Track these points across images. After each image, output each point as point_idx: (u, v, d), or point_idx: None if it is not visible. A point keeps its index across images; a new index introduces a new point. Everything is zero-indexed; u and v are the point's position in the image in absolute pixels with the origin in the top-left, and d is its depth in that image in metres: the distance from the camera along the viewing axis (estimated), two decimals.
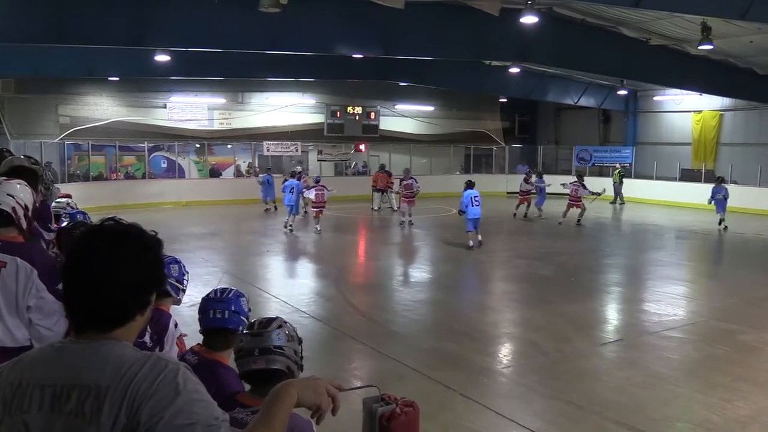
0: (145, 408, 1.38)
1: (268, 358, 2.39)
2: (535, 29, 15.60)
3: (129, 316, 1.54)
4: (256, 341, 2.41)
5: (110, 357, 1.45)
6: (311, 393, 1.57)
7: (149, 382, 1.40)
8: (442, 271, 12.87)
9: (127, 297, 1.52)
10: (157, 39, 14.98)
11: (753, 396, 6.16)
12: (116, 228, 1.57)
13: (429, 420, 5.30)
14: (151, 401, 1.38)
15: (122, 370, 1.42)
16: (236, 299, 3.08)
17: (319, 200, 16.83)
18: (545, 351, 7.64)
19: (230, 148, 26.84)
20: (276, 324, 2.47)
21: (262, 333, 2.42)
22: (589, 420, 5.67)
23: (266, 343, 2.40)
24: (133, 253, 1.53)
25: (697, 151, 26.92)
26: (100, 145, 23.87)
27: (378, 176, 22.84)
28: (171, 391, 1.40)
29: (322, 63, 21.06)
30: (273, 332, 2.42)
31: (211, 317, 3.02)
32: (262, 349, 2.39)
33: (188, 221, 18.87)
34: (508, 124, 32.75)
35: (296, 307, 9.35)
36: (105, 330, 1.51)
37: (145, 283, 1.56)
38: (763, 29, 15.92)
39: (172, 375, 1.42)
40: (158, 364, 1.44)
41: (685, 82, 22.60)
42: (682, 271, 13.52)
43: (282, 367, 2.40)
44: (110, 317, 1.51)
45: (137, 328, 1.58)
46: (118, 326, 1.52)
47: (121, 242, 1.54)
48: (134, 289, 1.53)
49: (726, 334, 8.29)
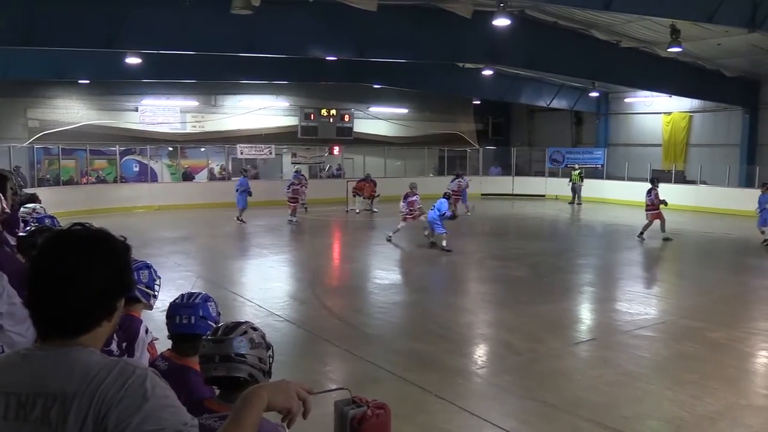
0: (113, 414, 1.36)
1: (228, 366, 2.32)
2: (508, 32, 15.73)
3: (95, 322, 1.52)
4: (218, 348, 2.35)
5: (77, 364, 1.43)
6: (282, 396, 1.56)
7: (116, 388, 1.39)
8: (416, 273, 12.91)
9: (93, 303, 1.50)
10: (128, 41, 14.82)
11: (721, 392, 6.27)
12: (82, 233, 1.55)
13: (404, 422, 5.32)
14: (119, 407, 1.37)
15: (89, 377, 1.40)
16: (203, 304, 3.02)
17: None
18: (519, 351, 7.70)
19: (203, 152, 26.63)
20: (240, 330, 2.39)
21: (223, 340, 2.36)
22: (563, 419, 5.73)
23: (227, 351, 2.33)
24: (99, 258, 1.51)
25: (668, 152, 27.34)
26: (71, 148, 23.47)
27: (363, 185, 22.73)
28: (139, 397, 1.38)
29: (296, 65, 21.02)
30: (235, 339, 2.35)
31: (178, 323, 2.96)
32: (223, 357, 2.33)
33: (161, 225, 18.67)
34: (482, 126, 32.96)
35: (270, 311, 9.31)
36: (70, 336, 1.48)
37: (112, 289, 1.53)
38: (731, 32, 16.26)
39: (140, 381, 1.41)
40: (126, 370, 1.42)
41: (655, 84, 22.98)
42: (653, 270, 13.73)
43: (243, 375, 2.33)
44: (76, 324, 1.49)
45: (104, 335, 1.56)
46: (83, 333, 1.50)
47: (88, 247, 1.51)
48: (100, 295, 1.50)
49: (695, 332, 8.43)
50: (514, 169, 30.43)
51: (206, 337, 2.46)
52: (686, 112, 26.84)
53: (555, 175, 29.06)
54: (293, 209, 19.52)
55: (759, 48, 18.70)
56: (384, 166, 28.19)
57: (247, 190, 19.28)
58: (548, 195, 28.61)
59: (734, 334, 8.33)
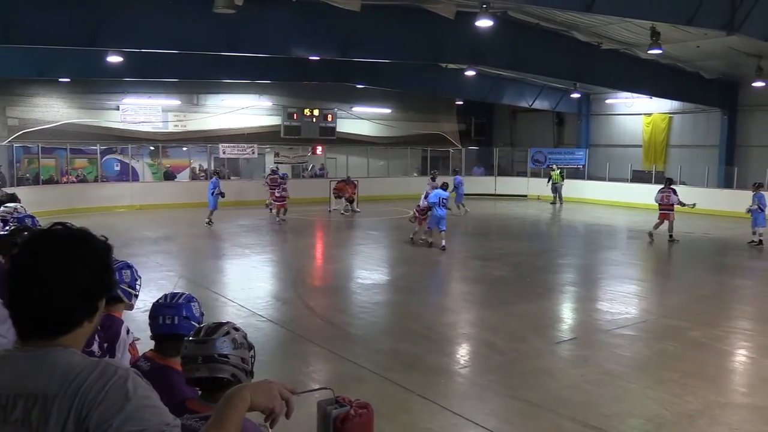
0: (94, 415, 1.35)
1: (211, 367, 2.31)
2: (490, 33, 15.80)
3: (76, 322, 1.50)
4: (200, 348, 2.34)
5: (57, 364, 1.42)
6: (264, 397, 1.56)
7: (98, 388, 1.38)
8: (399, 272, 12.92)
9: (74, 304, 1.48)
10: (109, 40, 14.69)
11: (701, 390, 6.35)
12: (62, 233, 1.53)
13: (387, 421, 5.32)
14: (100, 408, 1.36)
15: (70, 378, 1.39)
16: (187, 304, 3.01)
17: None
18: (501, 351, 7.74)
19: (185, 151, 26.45)
20: (223, 331, 2.39)
21: (206, 341, 2.35)
22: (545, 418, 5.77)
23: (210, 351, 2.32)
24: (79, 258, 1.50)
25: (648, 153, 27.61)
26: (51, 147, 23.21)
27: (343, 186, 22.67)
28: (121, 398, 1.37)
29: (279, 65, 20.96)
30: (218, 340, 2.34)
31: (161, 323, 2.96)
32: (206, 357, 2.32)
33: (142, 225, 18.52)
34: (465, 127, 33.04)
35: (253, 311, 9.27)
36: (51, 337, 1.47)
37: (93, 289, 1.52)
38: (709, 35, 16.44)
39: (121, 381, 1.40)
40: (107, 371, 1.42)
41: (635, 85, 23.20)
42: (634, 270, 13.84)
43: (227, 375, 2.32)
44: (57, 324, 1.48)
45: (85, 335, 1.55)
46: (64, 333, 1.48)
47: (68, 247, 1.50)
48: (81, 295, 1.49)
49: (675, 330, 8.53)
50: (496, 170, 30.57)
51: (188, 338, 2.44)
52: (666, 114, 27.13)
53: (537, 176, 29.23)
54: (283, 208, 19.52)
55: (737, 51, 18.95)
56: (367, 166, 28.19)
57: (219, 192, 18.69)
58: (530, 195, 28.78)
59: (714, 333, 8.44)
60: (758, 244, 15.83)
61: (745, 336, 8.52)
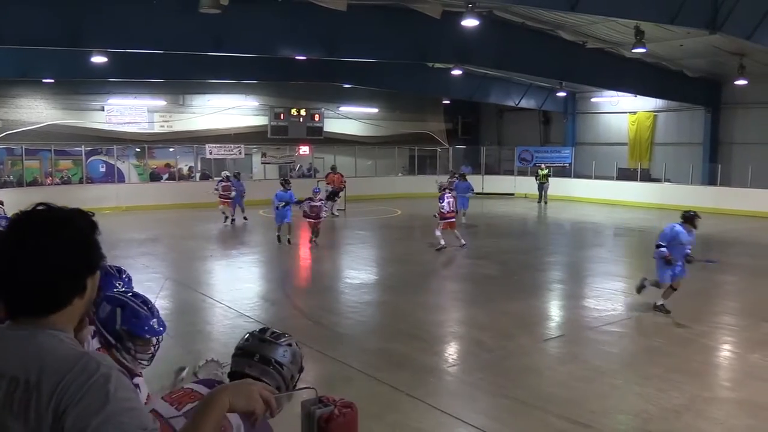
0: (72, 413, 1.34)
1: (264, 369, 2.29)
2: (476, 32, 15.85)
3: (66, 301, 1.50)
4: (262, 347, 2.33)
5: (42, 351, 1.42)
6: (244, 399, 1.56)
7: (78, 384, 1.36)
8: (387, 272, 12.93)
9: (62, 282, 1.49)
10: (94, 40, 14.60)
11: (686, 385, 6.40)
12: (47, 213, 1.54)
13: (376, 421, 5.33)
14: (78, 407, 1.34)
15: (53, 368, 1.38)
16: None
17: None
18: (490, 349, 7.76)
19: (172, 152, 26.31)
20: (287, 341, 2.38)
21: (270, 342, 2.34)
22: (533, 415, 5.80)
23: (270, 354, 2.31)
24: (64, 238, 1.50)
25: (633, 151, 27.79)
26: (35, 149, 23.00)
27: (332, 177, 22.55)
28: (101, 398, 1.36)
29: (265, 65, 20.90)
30: (281, 347, 2.34)
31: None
32: (263, 358, 2.30)
33: (128, 227, 18.40)
34: (452, 126, 33.12)
35: (240, 312, 9.24)
36: (41, 315, 1.47)
37: (79, 267, 1.52)
38: (692, 33, 16.59)
39: (102, 380, 1.38)
40: (89, 366, 1.40)
41: (620, 84, 23.36)
42: (620, 267, 13.93)
43: (272, 383, 2.26)
44: (45, 303, 1.48)
45: (76, 313, 1.54)
46: (54, 311, 1.48)
47: (52, 227, 1.50)
48: (68, 274, 1.49)
49: (661, 326, 8.60)
50: (483, 168, 30.64)
51: (254, 332, 2.42)
52: (651, 112, 27.33)
53: (524, 174, 29.34)
54: (229, 206, 19.11)
55: (719, 49, 19.13)
56: (354, 165, 28.17)
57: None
58: (517, 193, 28.88)
59: (699, 329, 8.51)
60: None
61: (730, 331, 8.60)
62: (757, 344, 7.85)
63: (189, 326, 8.63)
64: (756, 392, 6.27)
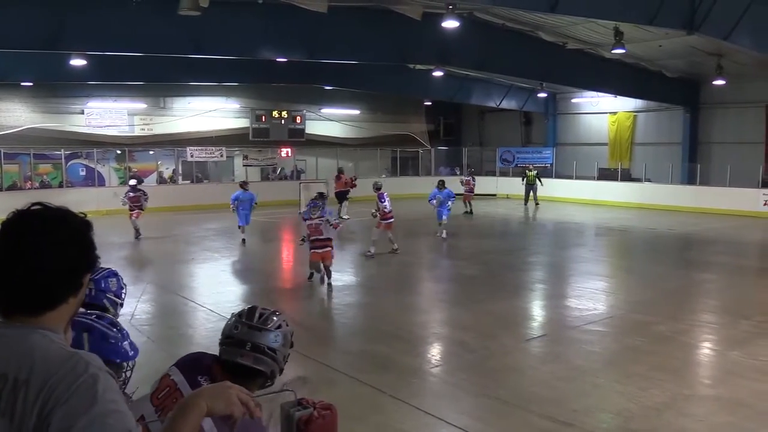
0: (58, 413, 1.33)
1: (257, 357, 2.24)
2: (457, 33, 15.91)
3: (61, 299, 1.50)
4: (252, 335, 2.26)
5: (33, 350, 1.41)
6: (221, 402, 1.55)
7: (66, 384, 1.36)
8: (369, 274, 12.92)
9: (56, 282, 1.49)
10: (73, 42, 14.46)
11: (667, 383, 6.45)
12: (42, 212, 1.53)
13: (359, 422, 5.31)
14: (65, 407, 1.34)
15: (43, 367, 1.38)
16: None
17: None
18: (473, 349, 7.78)
19: (152, 155, 26.11)
20: (276, 323, 2.32)
21: (261, 329, 2.27)
22: (515, 414, 5.82)
23: (262, 341, 2.25)
24: (60, 237, 1.50)
25: (614, 151, 28.03)
26: (14, 153, 22.74)
27: (344, 179, 21.95)
28: (88, 399, 1.35)
29: (246, 67, 20.82)
30: (272, 332, 2.28)
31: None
32: (255, 346, 2.24)
33: (109, 230, 18.17)
34: (434, 127, 33.20)
35: (222, 315, 9.16)
36: (34, 313, 1.47)
37: (74, 266, 1.52)
38: (671, 34, 16.76)
39: (91, 381, 1.38)
40: (78, 367, 1.39)
41: (600, 84, 23.57)
42: (601, 266, 14.04)
43: (266, 370, 2.26)
44: (39, 302, 1.48)
45: (70, 311, 1.54)
46: (48, 310, 1.48)
47: (48, 225, 1.51)
48: (63, 273, 1.49)
49: (642, 325, 8.66)
50: (465, 169, 30.72)
51: (242, 319, 2.34)
52: (631, 112, 27.58)
53: (506, 175, 29.47)
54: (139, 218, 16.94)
55: (697, 50, 19.35)
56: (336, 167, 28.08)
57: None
58: (499, 194, 29.00)
59: (679, 327, 8.59)
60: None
61: (710, 329, 8.69)
62: (737, 342, 7.93)
63: (170, 330, 8.56)
64: (736, 389, 6.33)
